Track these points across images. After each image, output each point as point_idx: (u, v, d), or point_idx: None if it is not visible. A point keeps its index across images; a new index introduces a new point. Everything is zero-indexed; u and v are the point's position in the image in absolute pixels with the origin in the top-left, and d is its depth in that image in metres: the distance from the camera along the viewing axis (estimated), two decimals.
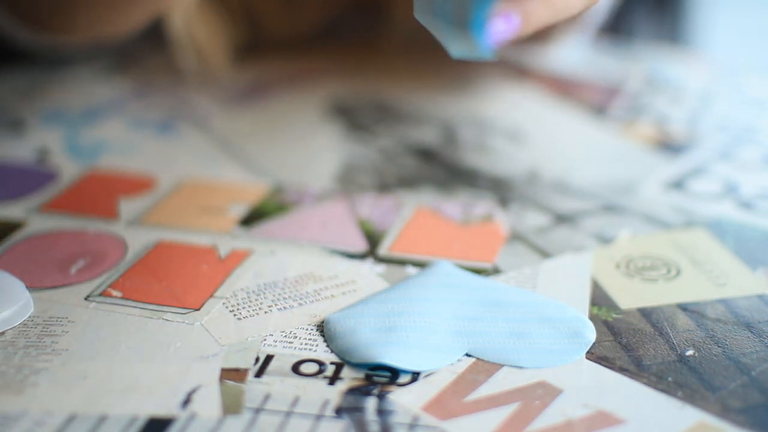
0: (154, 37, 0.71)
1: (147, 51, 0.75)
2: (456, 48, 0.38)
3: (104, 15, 0.64)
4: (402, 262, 0.46)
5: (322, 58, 0.75)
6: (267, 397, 0.36)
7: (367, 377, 0.38)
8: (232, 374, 0.38)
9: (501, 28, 0.38)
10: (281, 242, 0.48)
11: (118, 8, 0.59)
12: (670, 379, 0.38)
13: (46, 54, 0.70)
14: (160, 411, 0.35)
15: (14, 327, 0.40)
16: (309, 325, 0.41)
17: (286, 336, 0.40)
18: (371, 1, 0.77)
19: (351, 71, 0.72)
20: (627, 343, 0.40)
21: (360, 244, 0.48)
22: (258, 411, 0.36)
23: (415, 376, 0.38)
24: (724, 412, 0.36)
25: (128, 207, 0.52)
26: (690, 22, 0.93)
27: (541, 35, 0.41)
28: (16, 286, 0.43)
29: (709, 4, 0.64)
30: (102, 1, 0.59)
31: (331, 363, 0.38)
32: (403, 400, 0.36)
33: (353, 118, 0.65)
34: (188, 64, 0.70)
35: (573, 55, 0.75)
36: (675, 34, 0.93)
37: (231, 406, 0.36)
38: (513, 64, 0.73)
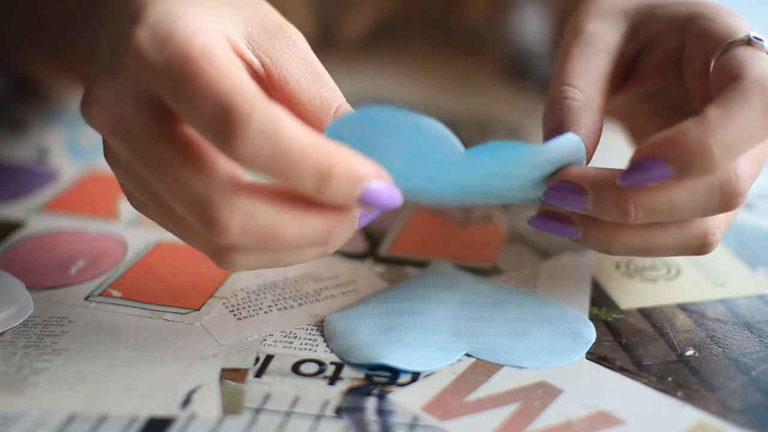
0: None
1: None
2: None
3: None
4: (402, 262, 0.46)
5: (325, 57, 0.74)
6: (267, 397, 0.36)
7: (367, 377, 0.38)
8: (232, 374, 0.38)
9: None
10: None
11: None
12: (670, 379, 0.38)
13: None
14: (160, 411, 0.35)
15: (14, 327, 0.40)
16: (309, 325, 0.41)
17: (286, 336, 0.40)
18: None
19: (352, 71, 0.71)
20: (627, 343, 0.40)
21: (360, 244, 0.48)
22: (258, 411, 0.36)
23: (415, 376, 0.38)
24: (724, 412, 0.36)
25: (128, 207, 0.52)
26: None
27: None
28: (16, 286, 0.43)
29: None
30: None
31: (331, 363, 0.38)
32: (403, 400, 0.36)
33: None
34: None
35: None
36: None
37: (231, 406, 0.36)
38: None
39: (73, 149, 0.59)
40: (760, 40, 0.39)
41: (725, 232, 0.40)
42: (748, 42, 0.39)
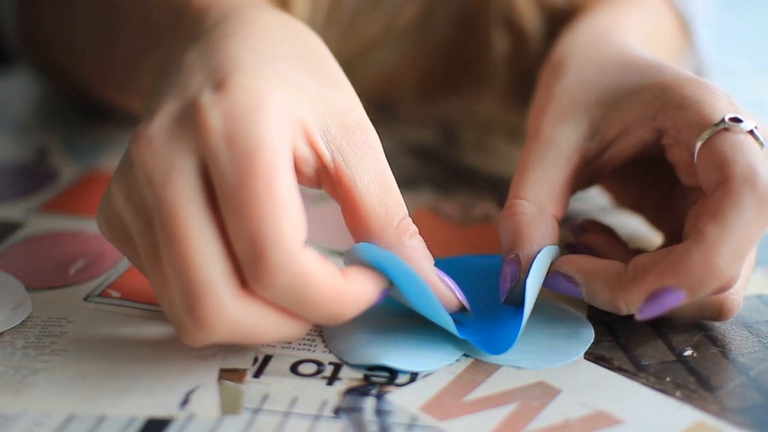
0: None
1: None
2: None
3: None
4: None
5: None
6: (265, 398, 0.36)
7: (366, 377, 0.38)
8: (230, 374, 0.38)
9: None
10: None
11: None
12: (668, 378, 0.38)
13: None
14: (159, 411, 0.36)
15: (13, 327, 0.40)
16: None
17: None
18: None
19: (351, 69, 0.71)
20: (625, 343, 0.40)
21: None
22: (256, 411, 0.36)
23: (414, 376, 0.38)
24: (723, 411, 0.36)
25: None
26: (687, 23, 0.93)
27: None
28: (15, 286, 0.43)
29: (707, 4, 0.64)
30: None
31: (330, 363, 0.38)
32: (402, 400, 0.36)
33: None
34: None
35: None
36: None
37: (229, 406, 0.36)
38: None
39: (73, 149, 0.59)
40: (738, 121, 0.38)
41: (743, 292, 0.40)
42: (726, 127, 0.37)
